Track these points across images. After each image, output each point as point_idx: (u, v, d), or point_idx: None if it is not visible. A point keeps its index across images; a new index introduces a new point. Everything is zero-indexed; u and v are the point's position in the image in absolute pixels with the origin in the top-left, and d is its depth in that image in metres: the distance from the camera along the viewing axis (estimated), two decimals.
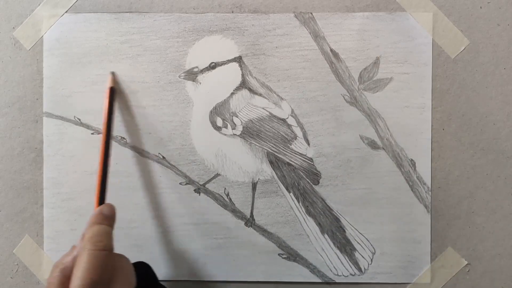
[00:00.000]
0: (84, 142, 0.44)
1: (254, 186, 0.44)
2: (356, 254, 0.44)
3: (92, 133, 0.44)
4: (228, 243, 0.44)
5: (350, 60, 0.43)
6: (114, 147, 0.44)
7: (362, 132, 0.44)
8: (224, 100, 0.44)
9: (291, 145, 0.44)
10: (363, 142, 0.44)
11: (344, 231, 0.44)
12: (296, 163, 0.44)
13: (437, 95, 0.44)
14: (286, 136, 0.44)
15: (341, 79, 0.43)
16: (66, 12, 0.44)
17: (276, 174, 0.44)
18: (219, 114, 0.44)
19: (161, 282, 0.44)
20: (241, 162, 0.44)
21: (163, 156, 0.44)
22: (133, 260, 0.44)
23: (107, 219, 0.36)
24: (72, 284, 0.31)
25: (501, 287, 0.44)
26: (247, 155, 0.44)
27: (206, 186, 0.44)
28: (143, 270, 0.41)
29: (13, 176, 0.44)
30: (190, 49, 0.44)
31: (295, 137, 0.44)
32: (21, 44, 0.44)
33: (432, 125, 0.43)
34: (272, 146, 0.44)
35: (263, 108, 0.44)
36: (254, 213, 0.44)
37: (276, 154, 0.44)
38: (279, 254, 0.44)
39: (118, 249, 0.44)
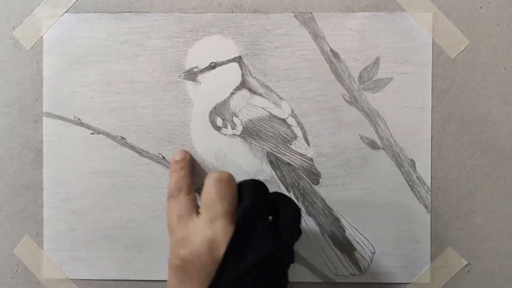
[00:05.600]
0: (84, 142, 0.44)
1: None
2: (356, 254, 0.44)
3: (92, 133, 0.44)
4: None
5: (350, 60, 0.43)
6: (114, 147, 0.44)
7: (362, 132, 0.44)
8: (224, 100, 0.44)
9: (291, 145, 0.44)
10: (363, 142, 0.44)
11: (344, 231, 0.44)
12: (296, 163, 0.44)
13: (437, 95, 0.44)
14: (286, 136, 0.44)
15: (341, 79, 0.43)
16: (66, 12, 0.44)
17: (276, 174, 0.44)
18: (219, 114, 0.44)
19: (161, 282, 0.44)
20: (241, 162, 0.44)
21: (163, 156, 0.44)
22: (133, 259, 0.44)
23: (178, 163, 0.42)
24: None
25: (501, 287, 0.44)
26: (247, 155, 0.44)
27: None
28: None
29: (13, 176, 0.44)
30: (190, 49, 0.44)
31: (295, 137, 0.44)
32: (21, 44, 0.44)
33: (432, 125, 0.43)
34: (272, 146, 0.44)
35: (263, 108, 0.44)
36: None
37: (276, 154, 0.44)
38: None
39: (118, 248, 0.44)
